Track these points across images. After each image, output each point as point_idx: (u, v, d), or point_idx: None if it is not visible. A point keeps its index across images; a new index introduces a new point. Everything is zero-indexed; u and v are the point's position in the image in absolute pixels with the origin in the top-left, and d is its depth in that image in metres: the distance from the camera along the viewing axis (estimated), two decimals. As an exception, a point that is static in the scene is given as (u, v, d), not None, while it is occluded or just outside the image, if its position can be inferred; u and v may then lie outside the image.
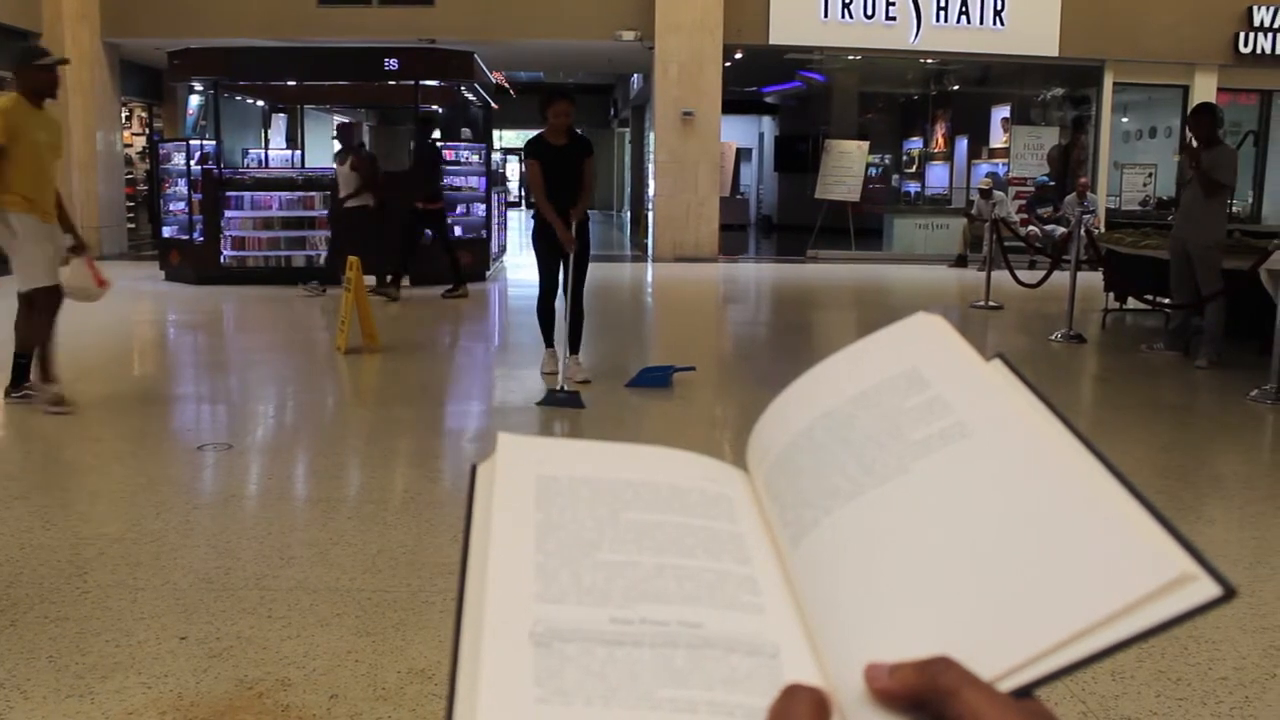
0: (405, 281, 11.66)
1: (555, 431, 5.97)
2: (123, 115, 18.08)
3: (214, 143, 13.48)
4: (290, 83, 15.40)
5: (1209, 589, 0.46)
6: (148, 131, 19.80)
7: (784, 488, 0.60)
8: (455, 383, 7.63)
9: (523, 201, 32.33)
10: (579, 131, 7.07)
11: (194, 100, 19.57)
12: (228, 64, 13.83)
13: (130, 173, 18.63)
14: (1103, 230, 13.05)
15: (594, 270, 7.21)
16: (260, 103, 18.26)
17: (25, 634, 3.16)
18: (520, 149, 10.55)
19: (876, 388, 0.61)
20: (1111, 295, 10.43)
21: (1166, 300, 8.72)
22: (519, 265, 16.02)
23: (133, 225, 18.29)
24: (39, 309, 6.10)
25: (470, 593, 0.51)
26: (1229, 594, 0.46)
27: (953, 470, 0.55)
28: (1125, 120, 19.36)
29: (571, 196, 6.77)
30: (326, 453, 5.50)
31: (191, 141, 13.84)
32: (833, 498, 0.57)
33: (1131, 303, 10.45)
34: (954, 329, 0.64)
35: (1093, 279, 10.62)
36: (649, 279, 15.13)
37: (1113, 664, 3.01)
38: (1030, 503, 0.52)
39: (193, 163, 13.07)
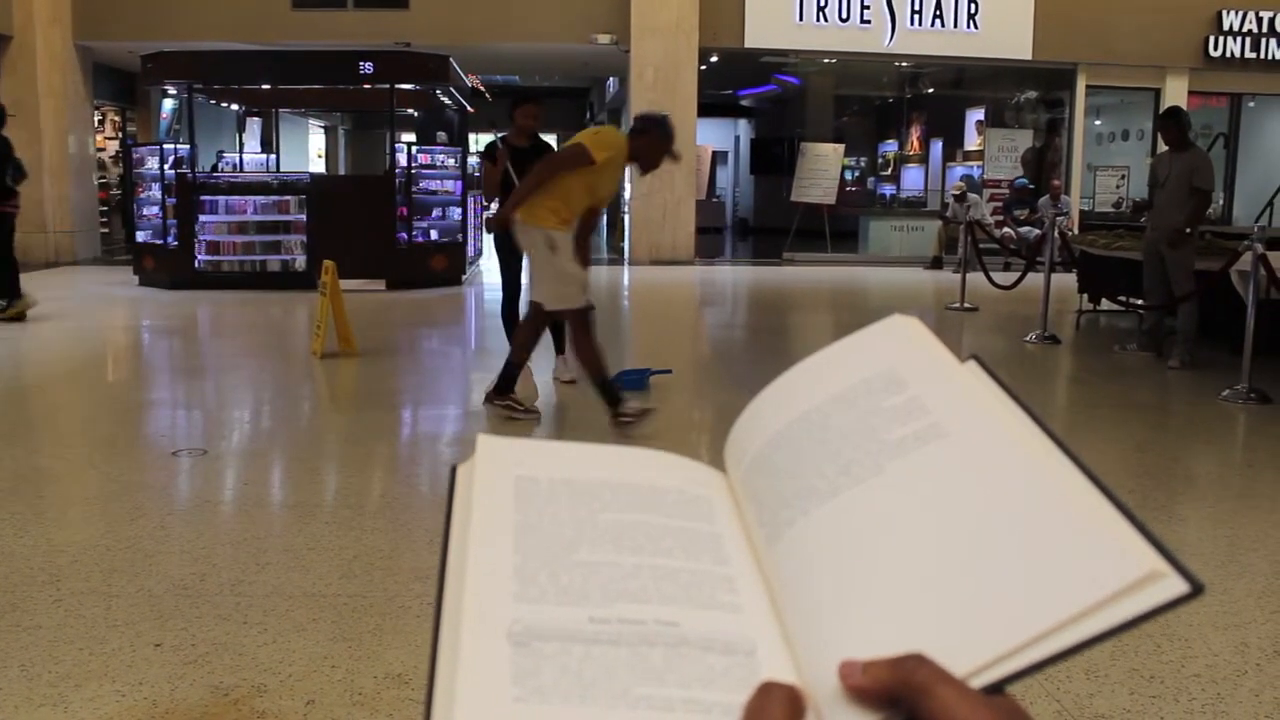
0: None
1: (533, 434, 5.96)
2: (95, 119, 17.95)
3: (188, 146, 13.40)
4: (264, 86, 15.34)
5: (1177, 585, 0.47)
6: (121, 135, 19.67)
7: (761, 488, 0.60)
8: (431, 387, 7.61)
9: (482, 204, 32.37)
10: (548, 139, 7.23)
11: (167, 104, 19.45)
12: (201, 67, 13.78)
13: (103, 177, 18.51)
14: (1076, 232, 13.15)
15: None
16: (235, 106, 18.18)
17: (-2, 642, 3.13)
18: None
19: (853, 389, 0.62)
20: (1085, 296, 10.50)
21: (1140, 301, 8.79)
22: (496, 269, 15.98)
23: (106, 230, 18.18)
24: (537, 325, 5.90)
25: (449, 593, 0.51)
26: (1196, 590, 0.47)
27: (928, 470, 0.56)
28: (1098, 123, 19.51)
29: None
30: (302, 458, 5.48)
31: (165, 145, 13.76)
32: (809, 498, 0.57)
33: (1105, 304, 10.53)
34: (929, 331, 0.65)
35: (1067, 280, 10.70)
36: (625, 282, 15.13)
37: (1086, 662, 3.03)
38: (1003, 502, 0.53)
39: (167, 167, 12.99)
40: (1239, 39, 17.37)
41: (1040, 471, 0.54)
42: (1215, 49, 17.34)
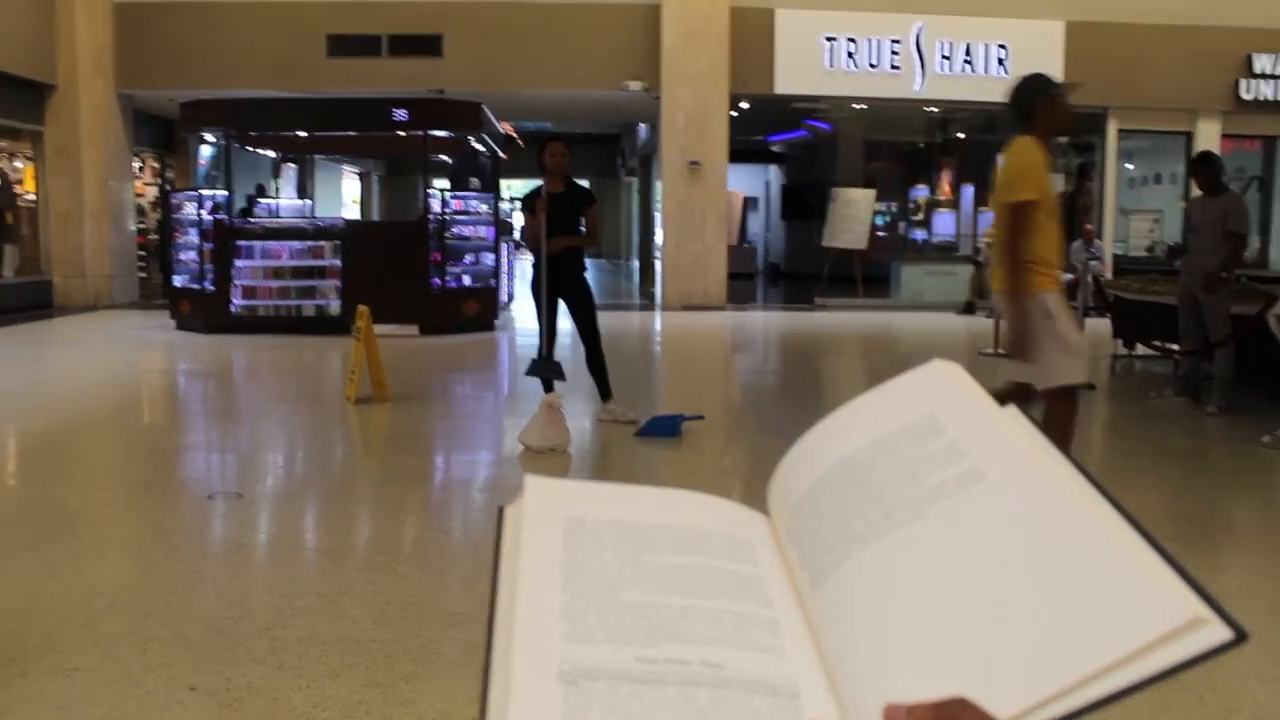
0: None
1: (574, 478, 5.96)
2: (135, 165, 18.24)
3: (225, 193, 13.58)
4: (300, 133, 15.56)
5: (1220, 632, 0.47)
6: (159, 181, 19.97)
7: (804, 531, 0.61)
8: (464, 432, 7.63)
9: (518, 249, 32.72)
10: (582, 184, 7.17)
11: (205, 150, 19.75)
12: (239, 115, 13.99)
13: (142, 222, 18.77)
14: (1110, 277, 13.08)
15: (601, 319, 7.23)
16: (271, 153, 18.44)
17: (35, 684, 3.15)
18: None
19: (894, 433, 0.63)
20: (1120, 342, 10.42)
21: (1175, 346, 8.71)
22: (529, 314, 16.07)
23: (144, 274, 18.41)
24: (1067, 411, 4.73)
25: (499, 631, 0.52)
26: (1240, 637, 0.47)
27: (969, 514, 0.56)
28: (1130, 166, 19.43)
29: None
30: (336, 502, 5.50)
31: (203, 192, 13.95)
32: (852, 541, 0.58)
33: (1140, 349, 10.44)
34: (969, 376, 0.66)
35: (1101, 326, 10.63)
36: (657, 328, 15.16)
37: (1126, 714, 2.98)
38: (1045, 546, 0.53)
39: (204, 212, 13.16)
40: (1271, 82, 17.31)
41: (1081, 516, 0.54)
42: (1246, 92, 17.28)
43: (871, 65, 16.64)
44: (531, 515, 0.59)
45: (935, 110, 18.57)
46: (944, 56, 16.74)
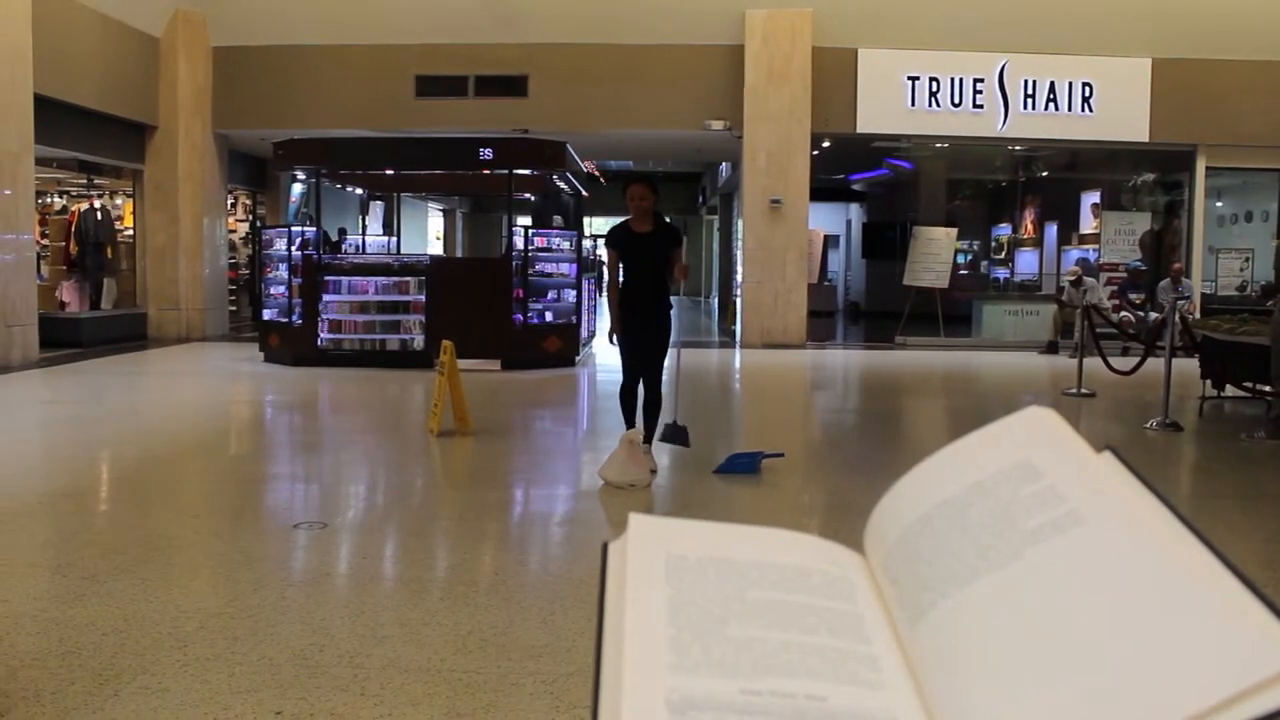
0: None
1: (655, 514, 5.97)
2: (228, 202, 18.75)
3: (314, 229, 13.90)
4: (388, 171, 15.88)
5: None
6: (251, 218, 20.50)
7: (901, 572, 0.62)
8: (544, 466, 7.68)
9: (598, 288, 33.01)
10: (668, 220, 7.15)
11: (296, 188, 20.23)
12: (330, 153, 14.33)
13: (233, 257, 19.27)
14: (1198, 316, 12.79)
15: (683, 356, 7.21)
16: (359, 190, 18.83)
17: (128, 704, 3.24)
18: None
19: (991, 477, 0.63)
20: (1209, 382, 10.18)
21: (1267, 388, 8.49)
22: (610, 349, 16.15)
23: (234, 308, 18.89)
24: None
25: (607, 661, 0.54)
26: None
27: (1066, 557, 0.57)
28: (1220, 204, 19.04)
29: (653, 285, 6.81)
30: (418, 534, 5.57)
31: (293, 228, 14.29)
32: (949, 582, 0.59)
33: (1230, 390, 10.18)
34: (1065, 422, 0.67)
35: (1188, 366, 10.39)
36: (737, 365, 15.14)
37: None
38: (1142, 590, 0.54)
39: (293, 248, 13.47)
40: (1369, 119, 16.85)
41: (1179, 560, 0.54)
42: (1341, 128, 16.85)
43: (954, 104, 16.55)
44: (636, 551, 0.61)
45: (1018, 149, 18.37)
46: (1027, 95, 16.59)
